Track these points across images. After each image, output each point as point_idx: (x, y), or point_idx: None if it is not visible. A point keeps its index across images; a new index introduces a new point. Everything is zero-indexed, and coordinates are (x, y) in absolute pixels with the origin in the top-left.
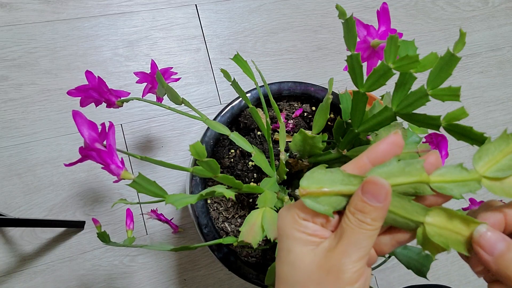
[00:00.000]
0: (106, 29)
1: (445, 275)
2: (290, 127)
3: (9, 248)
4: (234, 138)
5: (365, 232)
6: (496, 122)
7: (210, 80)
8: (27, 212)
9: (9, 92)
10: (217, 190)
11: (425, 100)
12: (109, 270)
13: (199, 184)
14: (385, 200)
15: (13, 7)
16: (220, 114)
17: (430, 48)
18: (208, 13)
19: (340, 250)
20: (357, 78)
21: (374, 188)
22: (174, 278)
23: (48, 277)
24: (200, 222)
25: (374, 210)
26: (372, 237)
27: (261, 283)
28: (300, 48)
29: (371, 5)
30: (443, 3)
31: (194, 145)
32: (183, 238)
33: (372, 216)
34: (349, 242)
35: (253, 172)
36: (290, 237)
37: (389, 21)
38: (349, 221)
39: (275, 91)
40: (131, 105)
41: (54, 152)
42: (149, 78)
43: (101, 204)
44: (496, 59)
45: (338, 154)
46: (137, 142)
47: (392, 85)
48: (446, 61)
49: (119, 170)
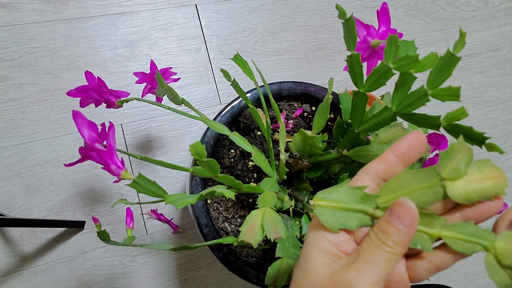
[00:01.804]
0: (106, 29)
1: (445, 275)
2: (290, 127)
3: (9, 248)
4: (234, 138)
5: (384, 254)
6: (496, 122)
7: (210, 80)
8: (27, 212)
9: (9, 92)
10: (217, 190)
11: (425, 100)
12: (109, 270)
13: (199, 184)
14: (410, 225)
15: (13, 7)
16: (220, 114)
17: (430, 48)
18: (208, 13)
19: (355, 268)
20: (357, 78)
21: (401, 210)
22: (174, 278)
23: (48, 277)
24: (200, 222)
25: (397, 233)
26: (390, 261)
27: (261, 283)
28: (300, 48)
29: (371, 5)
30: (443, 3)
31: (194, 145)
32: (183, 238)
33: (394, 239)
34: (365, 262)
35: (253, 172)
36: (311, 244)
37: (389, 21)
38: (370, 240)
39: (275, 91)
40: (131, 105)
41: (54, 152)
42: (149, 78)
43: (101, 204)
44: (496, 59)
45: (338, 154)
46: (137, 142)
47: (392, 85)
48: (446, 61)
49: (119, 170)
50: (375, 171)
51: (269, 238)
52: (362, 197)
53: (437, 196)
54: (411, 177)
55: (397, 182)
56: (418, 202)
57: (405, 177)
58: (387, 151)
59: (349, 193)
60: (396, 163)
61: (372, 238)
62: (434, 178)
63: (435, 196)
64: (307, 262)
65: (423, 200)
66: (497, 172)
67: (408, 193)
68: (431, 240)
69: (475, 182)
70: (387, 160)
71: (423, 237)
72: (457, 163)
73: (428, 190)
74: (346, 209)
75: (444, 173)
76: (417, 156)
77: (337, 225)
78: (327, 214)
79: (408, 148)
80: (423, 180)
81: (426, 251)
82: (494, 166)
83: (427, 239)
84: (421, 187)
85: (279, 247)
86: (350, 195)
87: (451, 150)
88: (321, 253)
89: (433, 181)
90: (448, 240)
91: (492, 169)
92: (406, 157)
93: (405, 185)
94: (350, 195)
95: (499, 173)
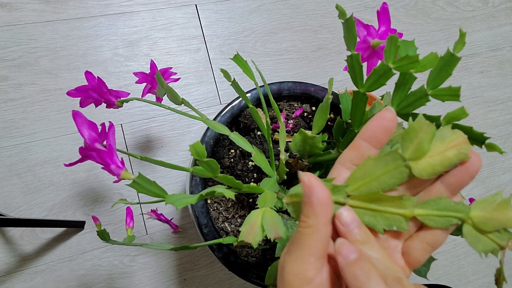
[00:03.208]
0: (106, 29)
1: (445, 275)
2: (290, 127)
3: (9, 248)
4: (234, 138)
5: (300, 230)
6: (496, 122)
7: (210, 80)
8: (27, 212)
9: (9, 92)
10: (217, 190)
11: (425, 100)
12: (109, 270)
13: (199, 184)
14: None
15: (13, 7)
16: (220, 114)
17: (430, 48)
18: (208, 13)
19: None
20: (357, 78)
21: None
22: (174, 278)
23: (48, 277)
24: (200, 222)
25: (303, 205)
26: (308, 235)
27: (261, 283)
28: (300, 48)
29: (371, 5)
30: (443, 3)
31: (194, 145)
32: (183, 238)
33: (303, 212)
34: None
35: (253, 172)
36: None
37: (389, 21)
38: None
39: (275, 91)
40: (131, 105)
41: (54, 152)
42: (149, 78)
43: (101, 204)
44: (496, 59)
45: (338, 154)
46: (137, 142)
47: (392, 85)
48: (446, 61)
49: (119, 170)
50: (349, 159)
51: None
52: (332, 189)
53: (403, 176)
54: (376, 162)
55: (363, 169)
56: (387, 184)
57: (370, 164)
58: (357, 137)
59: None
60: (367, 147)
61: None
62: (398, 160)
63: (401, 177)
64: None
65: (392, 182)
66: (459, 138)
67: (375, 178)
68: (405, 220)
69: (439, 154)
70: (358, 146)
71: (397, 218)
72: (419, 142)
73: (394, 172)
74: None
75: (406, 154)
76: (388, 135)
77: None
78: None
79: (376, 130)
80: (387, 163)
81: (402, 231)
82: (455, 132)
83: (402, 220)
84: (386, 171)
85: (279, 247)
86: None
87: (411, 129)
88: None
89: (398, 163)
90: (423, 218)
91: (454, 136)
92: (376, 139)
93: (371, 171)
94: None
95: (461, 138)
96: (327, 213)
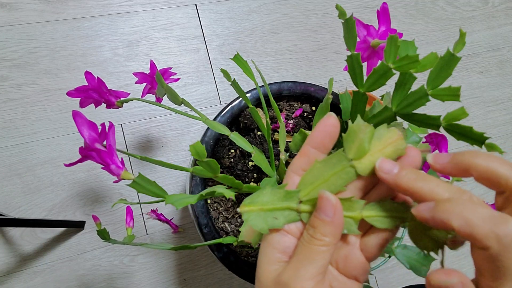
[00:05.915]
0: (106, 29)
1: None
2: (290, 127)
3: (9, 248)
4: (234, 138)
5: (314, 247)
6: (496, 122)
7: (210, 80)
8: (27, 212)
9: (9, 92)
10: (217, 190)
11: (425, 100)
12: (109, 270)
13: (199, 184)
14: (334, 214)
15: (13, 7)
16: (220, 114)
17: (430, 48)
18: (208, 13)
19: (291, 266)
20: (357, 78)
21: (321, 202)
22: (174, 278)
23: (48, 277)
24: (200, 222)
25: (323, 224)
26: (323, 253)
27: None
28: (300, 48)
29: (371, 5)
30: (443, 3)
31: (194, 145)
32: (183, 238)
33: (321, 231)
34: (298, 258)
35: (253, 172)
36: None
37: (389, 21)
38: (303, 237)
39: (275, 91)
40: (131, 105)
41: (54, 152)
42: (149, 79)
43: (101, 204)
44: (496, 59)
45: None
46: (137, 142)
47: (392, 85)
48: (446, 61)
49: (119, 170)
50: (299, 166)
51: None
52: (285, 195)
53: (349, 176)
54: (323, 165)
55: (312, 174)
56: (335, 186)
57: (318, 167)
58: (305, 144)
59: (272, 194)
60: (316, 153)
61: (304, 235)
62: (343, 161)
63: (348, 177)
64: (259, 269)
65: (339, 183)
66: (394, 135)
67: (324, 181)
68: (355, 223)
69: (378, 152)
70: (307, 153)
71: (347, 221)
72: (359, 142)
73: (341, 173)
74: (272, 210)
75: (350, 154)
76: (333, 140)
77: (266, 227)
78: (255, 218)
79: (323, 137)
80: (334, 165)
81: (352, 233)
82: (390, 130)
83: (352, 222)
84: (333, 173)
85: None
86: (274, 195)
87: (351, 131)
88: (270, 262)
89: (343, 164)
90: (370, 220)
91: (389, 134)
92: (323, 145)
93: (320, 174)
94: (273, 195)
95: (396, 136)
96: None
